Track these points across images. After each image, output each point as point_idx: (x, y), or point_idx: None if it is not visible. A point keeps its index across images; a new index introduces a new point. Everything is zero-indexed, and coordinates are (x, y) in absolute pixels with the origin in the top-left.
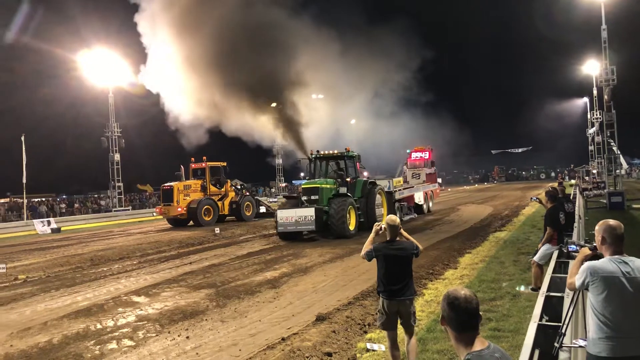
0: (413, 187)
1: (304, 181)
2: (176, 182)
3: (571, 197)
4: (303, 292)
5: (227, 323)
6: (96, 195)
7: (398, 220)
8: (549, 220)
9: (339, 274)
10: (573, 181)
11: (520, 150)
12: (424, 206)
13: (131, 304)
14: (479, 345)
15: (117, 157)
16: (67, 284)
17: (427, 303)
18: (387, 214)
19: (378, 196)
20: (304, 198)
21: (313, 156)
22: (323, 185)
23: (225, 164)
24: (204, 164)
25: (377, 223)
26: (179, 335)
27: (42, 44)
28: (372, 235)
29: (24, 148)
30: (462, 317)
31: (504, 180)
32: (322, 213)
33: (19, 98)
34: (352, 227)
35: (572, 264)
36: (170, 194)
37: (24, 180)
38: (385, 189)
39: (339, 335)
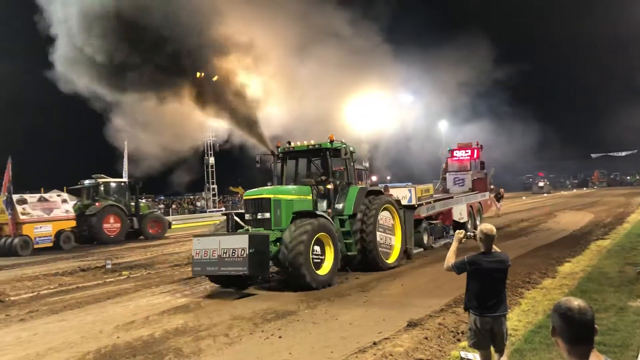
0: (452, 197)
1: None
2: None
3: None
4: (393, 297)
5: (318, 325)
6: (192, 197)
7: (495, 229)
8: None
9: (429, 279)
10: None
11: (624, 153)
12: (468, 225)
13: (226, 303)
14: (594, 359)
15: (211, 160)
16: (166, 281)
17: (524, 313)
18: (406, 240)
19: (385, 214)
20: (247, 216)
21: (280, 150)
22: (279, 196)
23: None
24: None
25: (459, 231)
26: (272, 335)
27: None
28: (455, 244)
29: (126, 151)
30: (576, 329)
31: (605, 186)
32: (265, 245)
33: None
34: (324, 270)
35: None
36: None
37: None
38: (406, 201)
39: (432, 342)
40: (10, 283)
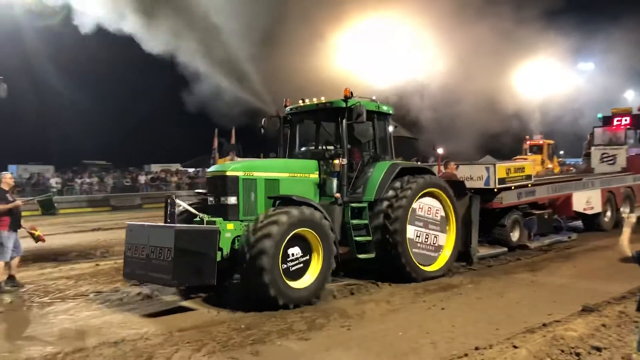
0: (577, 180)
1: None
2: (523, 156)
3: None
4: (565, 279)
5: (482, 300)
6: None
7: None
8: None
9: (608, 263)
10: None
11: None
12: (603, 217)
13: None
14: None
15: None
16: None
17: None
18: (469, 239)
19: (428, 201)
20: (210, 200)
21: (289, 110)
22: (254, 174)
23: (553, 142)
24: (540, 141)
25: (629, 214)
26: (434, 305)
27: None
28: (628, 230)
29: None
30: None
31: None
32: (209, 245)
33: None
34: (304, 282)
35: None
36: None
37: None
38: (482, 184)
39: (610, 331)
40: None
